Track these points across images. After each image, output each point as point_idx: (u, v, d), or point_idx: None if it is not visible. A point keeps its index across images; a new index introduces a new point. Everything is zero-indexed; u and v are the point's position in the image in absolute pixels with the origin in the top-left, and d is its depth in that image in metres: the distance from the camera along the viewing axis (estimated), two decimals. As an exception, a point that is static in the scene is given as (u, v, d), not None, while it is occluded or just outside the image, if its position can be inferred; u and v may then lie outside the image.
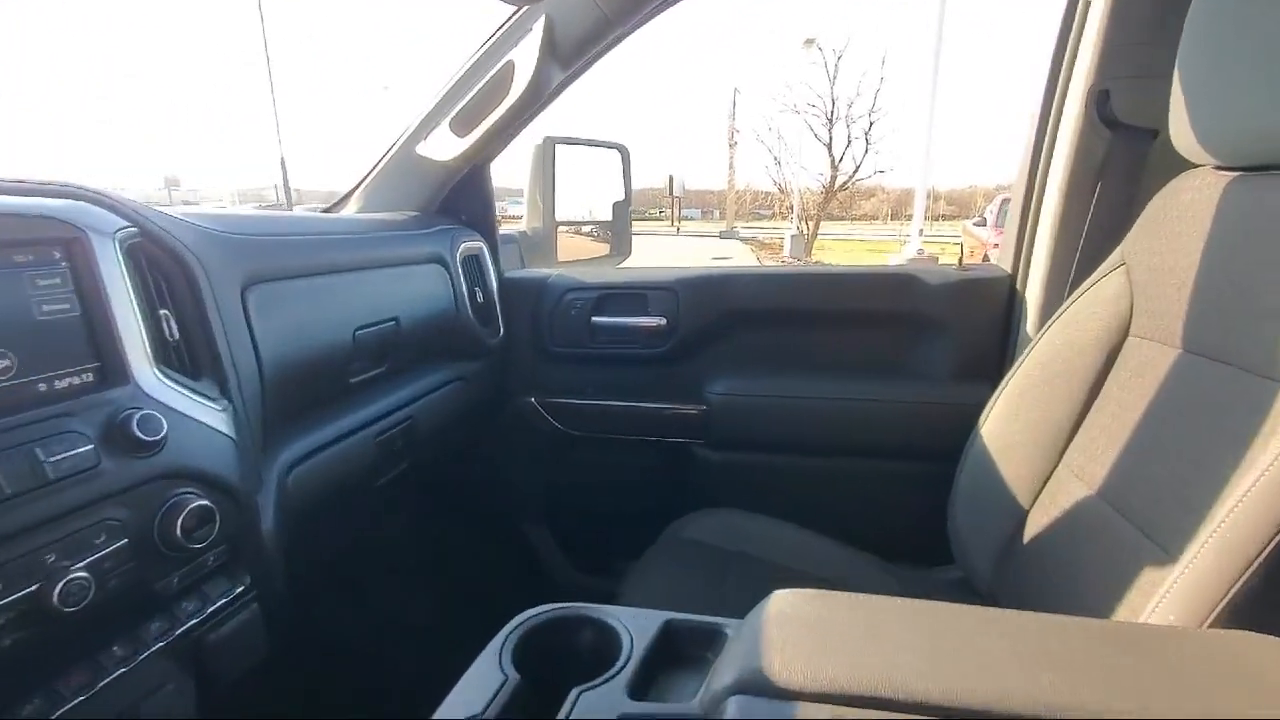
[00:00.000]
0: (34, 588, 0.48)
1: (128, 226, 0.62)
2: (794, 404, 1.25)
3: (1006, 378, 0.97)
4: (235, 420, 0.70)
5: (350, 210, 1.34)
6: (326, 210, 1.38)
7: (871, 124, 18.66)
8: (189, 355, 0.68)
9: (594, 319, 1.34)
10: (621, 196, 1.83)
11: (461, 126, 1.21)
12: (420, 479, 1.27)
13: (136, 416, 0.56)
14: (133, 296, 0.61)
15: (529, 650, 0.40)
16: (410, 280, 1.12)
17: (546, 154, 1.62)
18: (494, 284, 1.36)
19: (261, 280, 0.81)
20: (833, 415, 1.24)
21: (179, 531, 0.58)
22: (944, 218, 36.23)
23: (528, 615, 0.42)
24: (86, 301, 0.57)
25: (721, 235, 24.22)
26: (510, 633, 0.41)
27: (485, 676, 0.37)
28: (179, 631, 0.60)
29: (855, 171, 19.28)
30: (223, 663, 0.64)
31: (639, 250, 2.06)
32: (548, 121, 1.36)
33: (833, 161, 19.06)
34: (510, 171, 1.63)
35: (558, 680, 0.36)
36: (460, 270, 1.24)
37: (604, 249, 1.88)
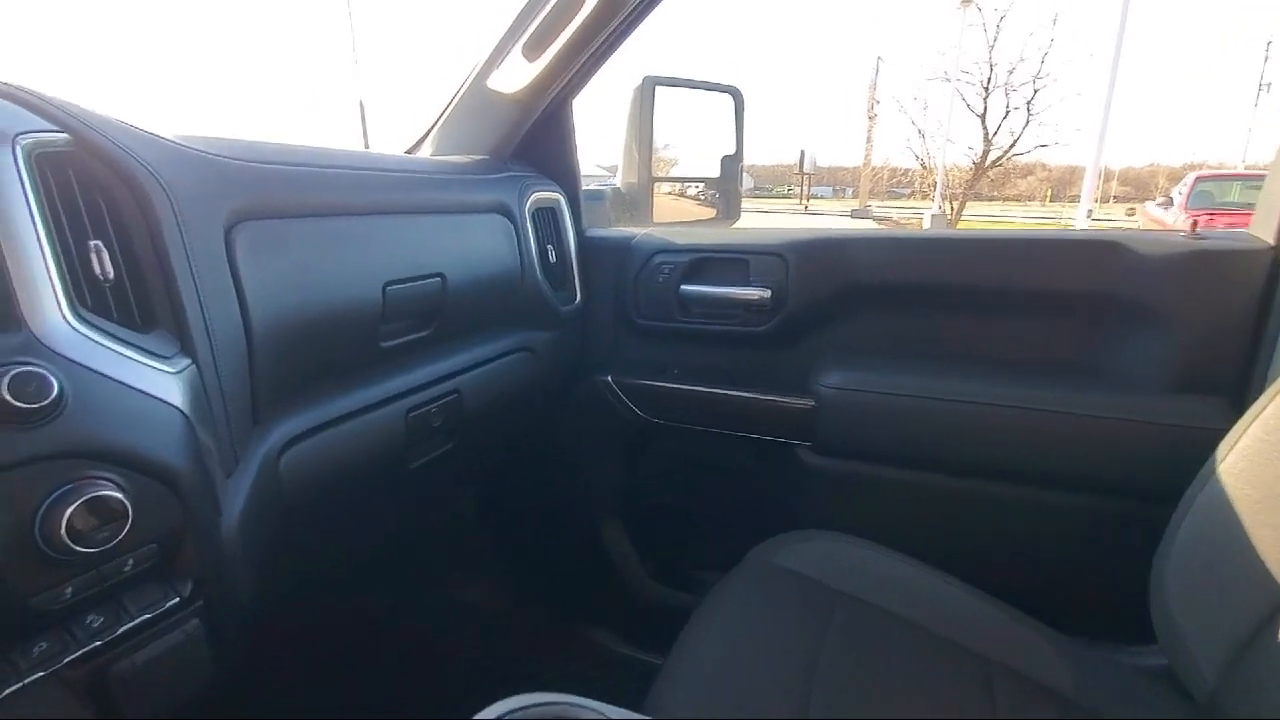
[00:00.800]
0: None
1: (44, 130, 0.48)
2: (933, 407, 0.96)
3: (1265, 397, 0.65)
4: (197, 385, 0.55)
5: (425, 153, 1.20)
6: (409, 152, 1.25)
7: (1035, 92, 16.69)
8: (135, 301, 0.54)
9: (683, 287, 1.11)
10: (732, 150, 1.57)
11: (534, 49, 1.02)
12: (469, 464, 1.13)
13: (10, 375, 0.42)
14: (38, 218, 0.46)
15: None
16: (464, 231, 0.95)
17: (645, 97, 1.41)
18: (571, 243, 1.17)
19: (255, 216, 0.66)
20: (987, 426, 0.94)
21: (64, 531, 0.43)
22: (1116, 199, 31.99)
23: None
24: None
25: (853, 214, 22.86)
26: None
27: None
28: (71, 657, 0.46)
29: (1012, 145, 17.38)
30: (144, 692, 0.50)
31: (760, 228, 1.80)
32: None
33: (986, 134, 17.30)
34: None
35: None
36: (529, 224, 1.06)
37: (709, 212, 1.65)
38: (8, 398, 0.42)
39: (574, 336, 1.19)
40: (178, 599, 0.52)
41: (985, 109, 17.21)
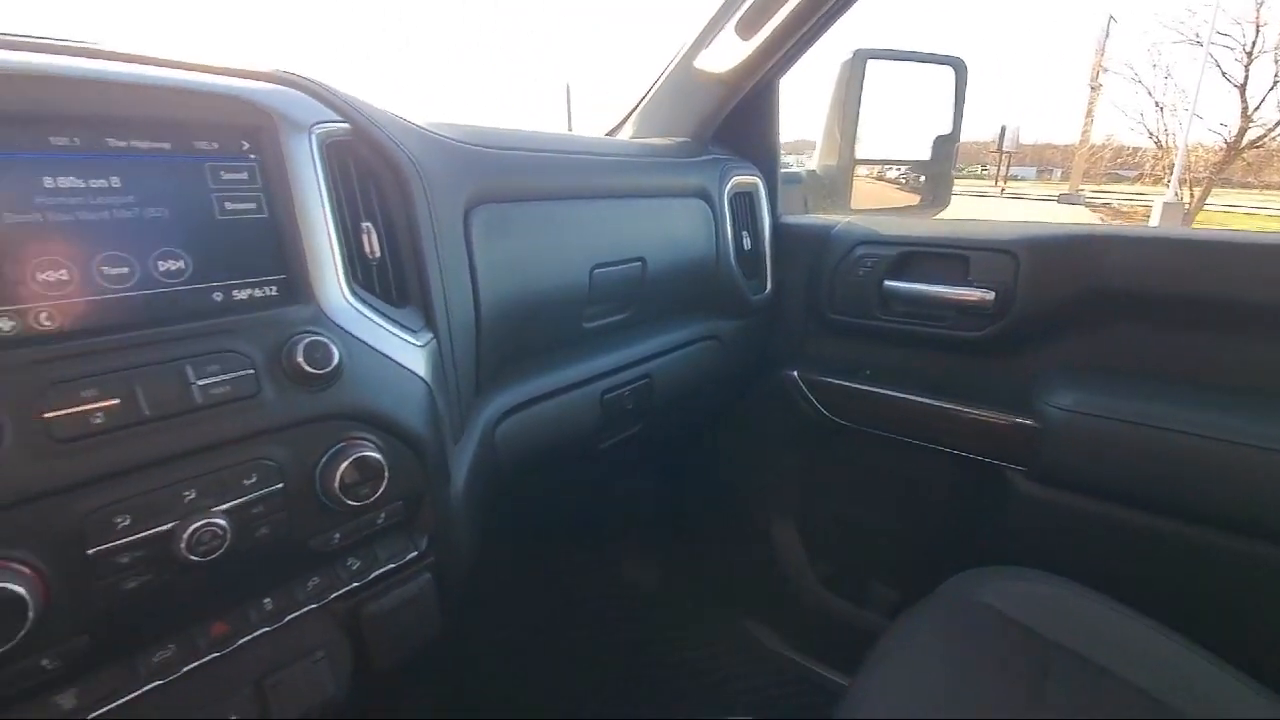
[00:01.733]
0: (165, 528, 0.42)
1: (332, 121, 0.53)
2: (1188, 444, 0.80)
3: None
4: (437, 358, 0.60)
5: (625, 135, 1.22)
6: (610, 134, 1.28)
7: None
8: (393, 278, 0.59)
9: (888, 283, 1.03)
10: (948, 130, 1.42)
11: (747, 28, 0.98)
12: (653, 447, 1.13)
13: (304, 343, 0.47)
14: (327, 201, 0.52)
15: None
16: (665, 215, 0.94)
17: (854, 72, 1.31)
18: (766, 229, 1.13)
19: (490, 200, 0.69)
20: (1254, 473, 0.76)
21: (338, 485, 0.49)
22: None
23: None
24: (274, 204, 0.49)
25: (1061, 199, 20.10)
26: None
27: None
28: (337, 594, 0.52)
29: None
30: (385, 634, 0.55)
31: (946, 213, 1.62)
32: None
33: (1245, 109, 14.31)
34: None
35: None
36: (728, 209, 1.04)
37: (912, 199, 1.51)
38: (302, 363, 0.47)
39: (761, 327, 1.15)
40: (415, 553, 0.57)
41: (1246, 78, 14.22)
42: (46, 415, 0.38)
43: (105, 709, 0.41)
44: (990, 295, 0.94)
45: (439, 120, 0.73)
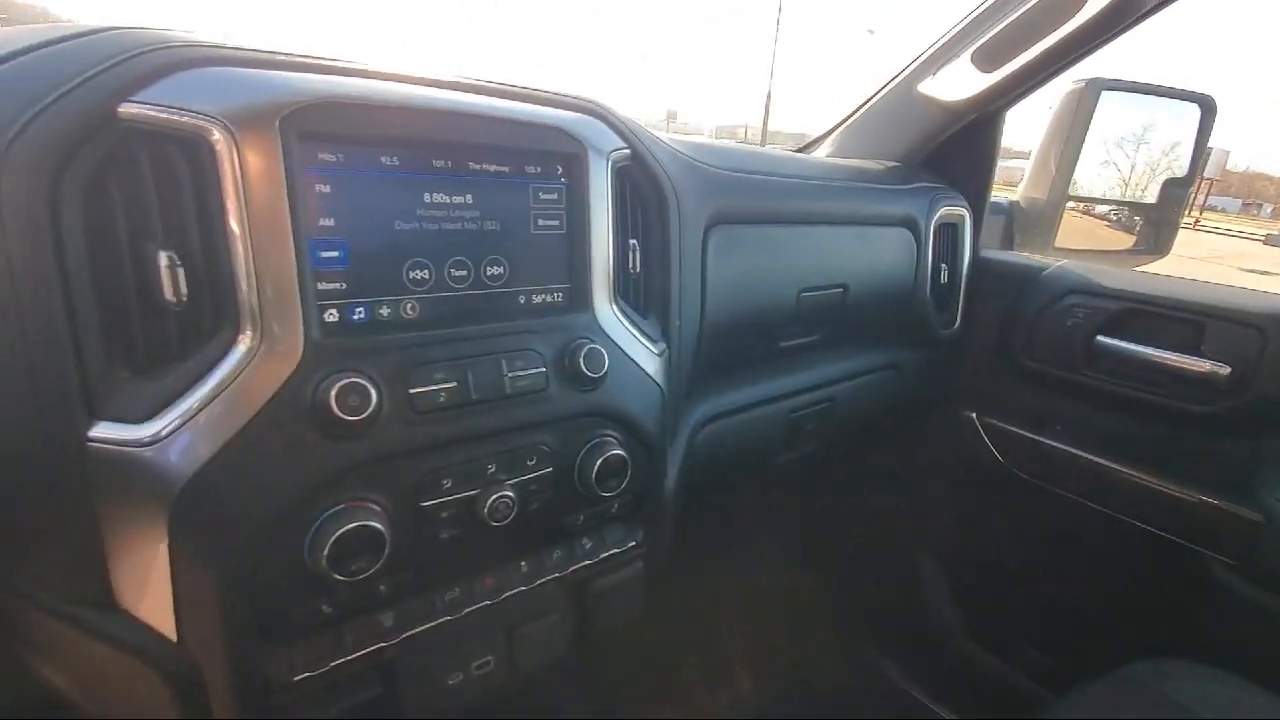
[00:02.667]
0: (474, 493, 0.50)
1: (621, 148, 0.59)
2: None
3: None
4: (667, 366, 0.65)
5: (822, 152, 1.22)
6: (799, 150, 1.29)
7: None
8: (643, 291, 0.65)
9: (1100, 338, 0.97)
10: (1183, 172, 1.30)
11: (989, 59, 0.95)
12: (823, 467, 1.15)
13: (585, 349, 0.54)
14: (611, 222, 0.58)
15: None
16: (871, 243, 0.94)
17: (1084, 102, 1.22)
18: (965, 263, 1.09)
19: (725, 221, 0.73)
20: None
21: (594, 475, 0.55)
22: None
23: None
24: (573, 221, 0.55)
25: (1269, 240, 17.45)
26: None
27: None
28: (574, 567, 0.59)
29: None
30: (602, 608, 0.62)
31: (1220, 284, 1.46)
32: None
33: None
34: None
35: None
36: (931, 240, 1.02)
37: (1124, 240, 1.39)
38: (582, 366, 0.54)
39: (944, 362, 1.12)
40: (634, 542, 0.63)
41: None
42: (410, 391, 0.46)
43: (409, 632, 0.50)
44: (1225, 370, 0.86)
45: (684, 138, 0.78)
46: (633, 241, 0.62)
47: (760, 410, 0.86)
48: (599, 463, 0.55)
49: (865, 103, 1.17)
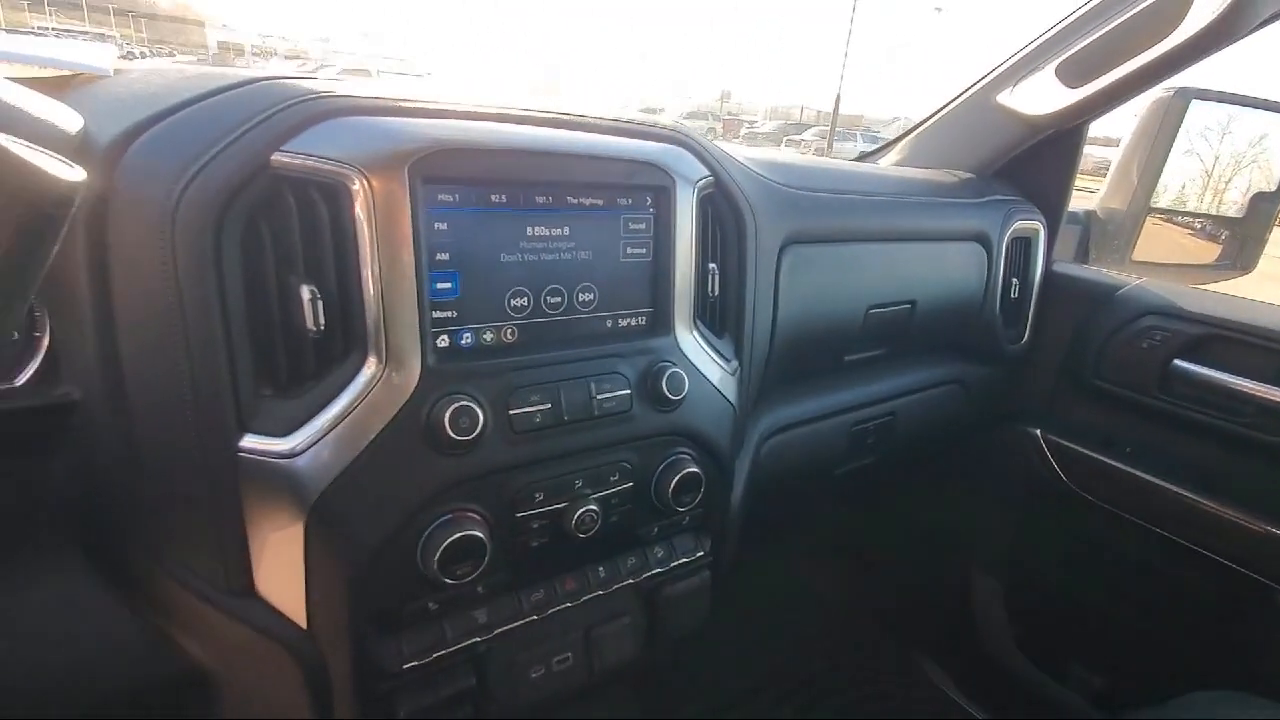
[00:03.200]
0: (562, 506, 0.54)
1: (706, 176, 0.61)
2: None
3: None
4: (739, 383, 0.68)
5: (890, 160, 1.21)
6: (864, 157, 1.28)
7: None
8: (720, 313, 0.67)
9: (1177, 362, 0.95)
10: (1273, 187, 1.24)
11: (1076, 74, 0.93)
12: (881, 479, 1.15)
13: (668, 373, 0.57)
14: (694, 248, 0.60)
15: None
16: (941, 258, 0.94)
17: (1171, 112, 1.17)
18: (1037, 278, 1.08)
19: (799, 241, 0.75)
20: None
21: (670, 491, 0.59)
22: None
23: None
24: (659, 248, 0.58)
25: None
26: None
27: None
28: (646, 574, 0.63)
29: None
30: (671, 614, 0.65)
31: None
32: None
33: None
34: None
35: None
36: (1003, 255, 1.01)
37: (1208, 252, 1.34)
38: (664, 389, 0.57)
39: (1008, 378, 1.11)
40: (702, 552, 0.67)
41: None
42: (510, 412, 0.50)
43: (500, 629, 0.54)
44: None
45: (762, 156, 0.79)
46: (712, 265, 0.64)
47: (823, 423, 0.88)
48: (675, 479, 0.59)
49: (938, 111, 1.16)
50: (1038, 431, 1.09)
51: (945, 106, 1.14)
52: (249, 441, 0.44)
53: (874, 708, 1.23)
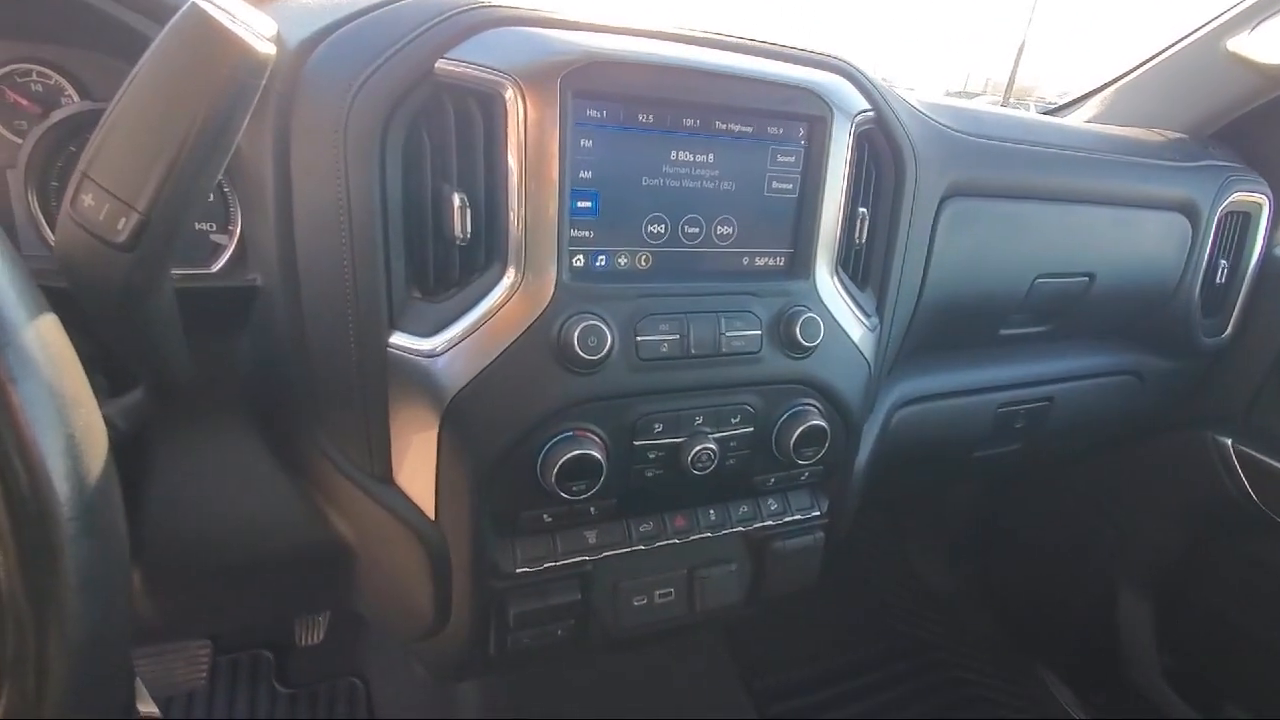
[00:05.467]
0: (680, 441, 0.53)
1: (866, 110, 0.56)
2: None
3: None
4: (877, 342, 0.63)
5: (1081, 115, 1.06)
6: (1052, 112, 1.14)
7: None
8: (864, 263, 0.62)
9: None
10: None
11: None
12: (1026, 469, 1.05)
13: (802, 318, 0.54)
14: (845, 189, 0.56)
15: None
16: (1132, 228, 0.82)
17: None
18: (1255, 261, 0.91)
19: (964, 194, 0.68)
20: None
21: (792, 442, 0.56)
22: None
23: None
24: (806, 185, 0.55)
25: None
26: None
27: None
28: (757, 525, 0.61)
29: None
30: (778, 570, 0.64)
31: None
32: None
33: None
34: None
35: None
36: (1214, 230, 0.86)
37: None
38: (797, 334, 0.54)
39: (1198, 374, 0.96)
40: (818, 512, 0.64)
41: None
42: (638, 339, 0.49)
43: (607, 552, 0.55)
44: None
45: (927, 98, 0.72)
46: (862, 210, 0.60)
47: (965, 399, 0.81)
48: (799, 430, 0.56)
49: (1147, 61, 1.00)
50: (1228, 441, 0.94)
51: (1157, 55, 0.99)
52: (397, 339, 0.47)
53: (980, 713, 1.15)
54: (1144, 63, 1.01)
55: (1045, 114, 1.14)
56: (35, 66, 0.51)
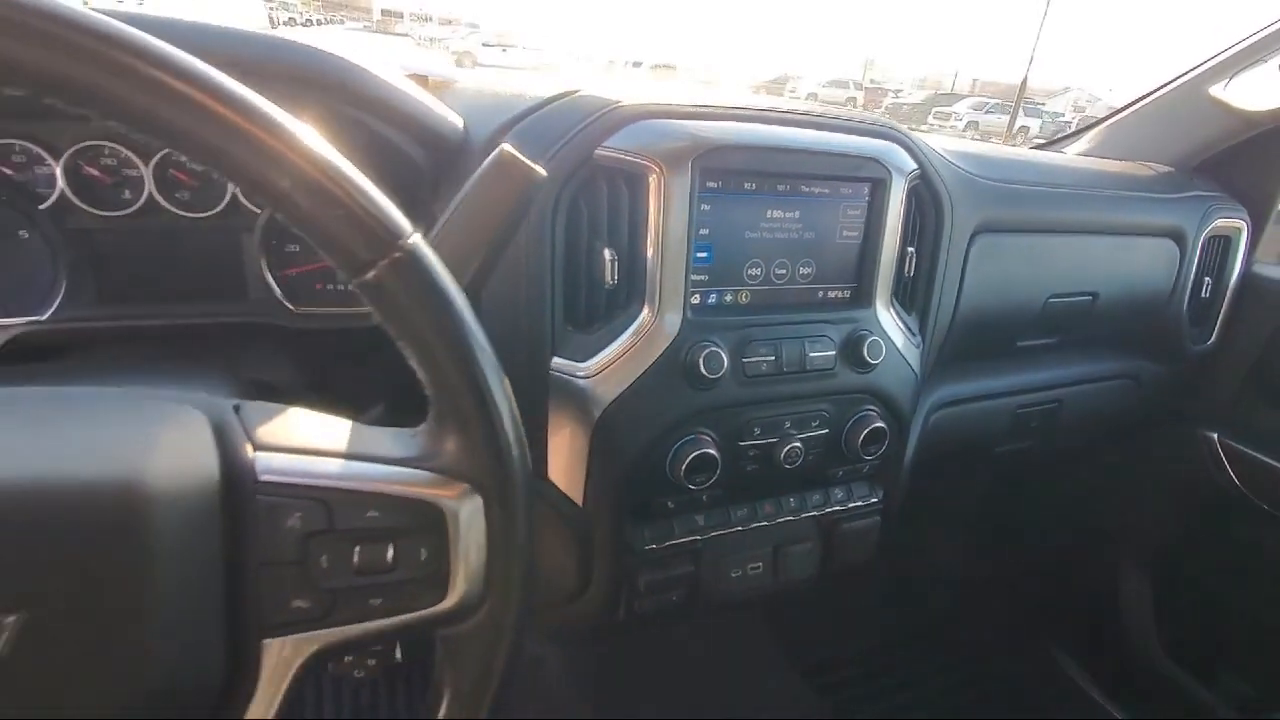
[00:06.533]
0: (774, 441, 0.66)
1: (914, 169, 0.69)
2: None
3: None
4: (921, 356, 0.76)
5: (1078, 148, 1.20)
6: (1049, 145, 1.27)
7: None
8: (911, 291, 0.75)
9: None
10: None
11: (1306, 68, 0.89)
12: (1041, 463, 1.18)
13: (868, 340, 0.67)
14: (898, 233, 0.69)
15: None
16: (1129, 253, 0.95)
17: None
18: (1234, 278, 1.05)
19: (990, 230, 0.81)
20: None
21: (859, 441, 0.69)
22: None
23: None
24: (869, 232, 0.68)
25: None
26: None
27: None
28: (827, 510, 0.74)
29: None
30: (843, 548, 0.76)
31: None
32: None
33: None
34: None
35: None
36: (1198, 252, 0.99)
37: None
38: (865, 354, 0.66)
39: (1186, 379, 1.10)
40: (876, 499, 0.77)
41: None
42: (744, 360, 0.62)
43: (713, 533, 0.68)
44: None
45: (951, 148, 0.85)
46: (910, 249, 0.72)
47: (989, 402, 0.94)
48: (864, 432, 0.69)
49: (1136, 102, 1.14)
50: (1214, 435, 1.07)
51: (1145, 97, 1.12)
52: (557, 362, 0.59)
53: (998, 693, 1.28)
54: (1133, 103, 1.15)
55: (1043, 146, 1.28)
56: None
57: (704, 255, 0.61)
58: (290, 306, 0.63)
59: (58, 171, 0.54)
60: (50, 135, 0.54)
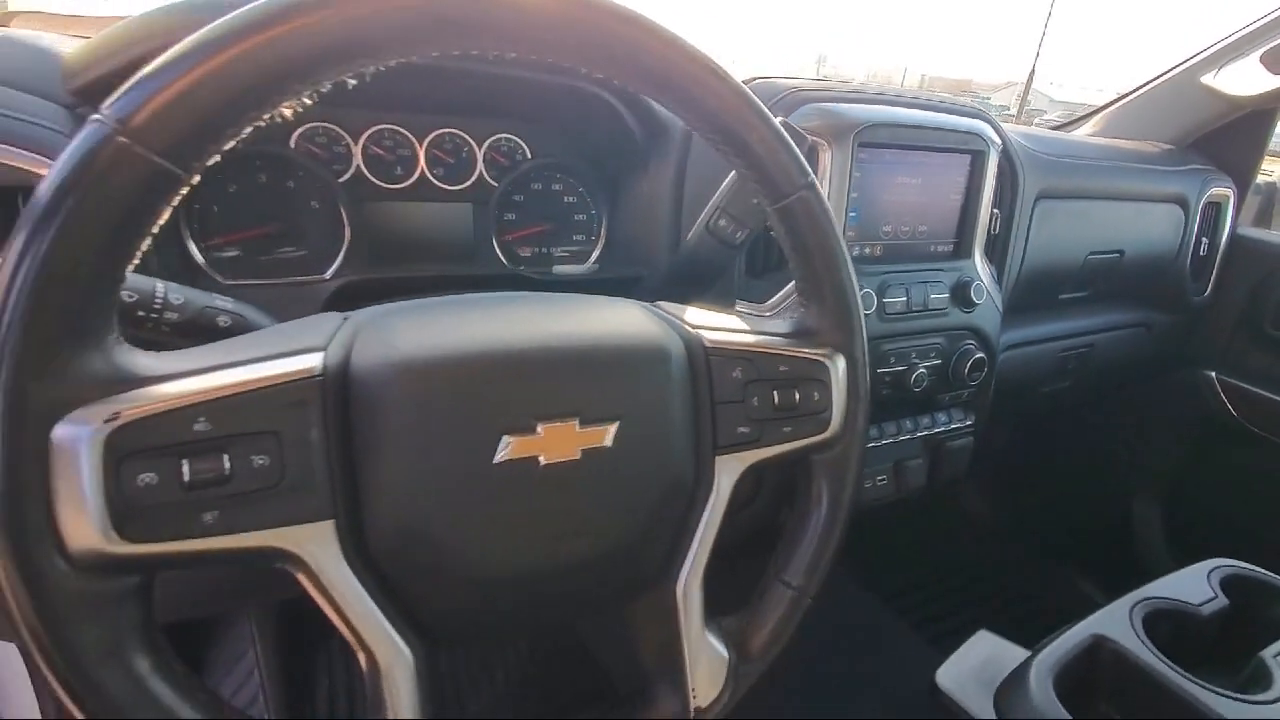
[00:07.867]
0: (903, 368, 0.79)
1: (1000, 144, 0.84)
2: None
3: None
4: (1002, 302, 0.91)
5: (1086, 130, 1.38)
6: (1061, 128, 1.45)
7: None
8: (993, 246, 0.90)
9: None
10: None
11: (1278, 61, 1.08)
12: (1075, 400, 1.35)
13: (973, 284, 0.81)
14: (988, 196, 0.84)
15: None
16: (1145, 216, 1.13)
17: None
18: (1224, 239, 1.24)
19: (1048, 196, 0.96)
20: None
21: (965, 370, 0.83)
22: None
23: None
24: (969, 196, 0.82)
25: None
26: None
27: None
28: (934, 430, 0.88)
29: None
30: (946, 464, 0.90)
31: None
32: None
33: None
34: None
35: None
36: (1198, 217, 1.18)
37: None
38: (972, 296, 0.81)
39: (1189, 326, 1.28)
40: (969, 422, 0.91)
41: None
42: (883, 300, 0.76)
43: None
44: None
45: (1019, 129, 1.01)
46: (995, 210, 0.87)
47: (1038, 347, 1.10)
48: (969, 361, 0.83)
49: (1139, 89, 1.32)
50: (1213, 374, 1.26)
51: (1145, 85, 1.30)
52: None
53: (1020, 611, 1.45)
54: (1134, 91, 1.33)
55: (1059, 128, 1.46)
56: (509, 136, 0.74)
57: (853, 215, 0.74)
58: (507, 264, 0.74)
59: (356, 150, 0.64)
60: (346, 120, 0.64)
